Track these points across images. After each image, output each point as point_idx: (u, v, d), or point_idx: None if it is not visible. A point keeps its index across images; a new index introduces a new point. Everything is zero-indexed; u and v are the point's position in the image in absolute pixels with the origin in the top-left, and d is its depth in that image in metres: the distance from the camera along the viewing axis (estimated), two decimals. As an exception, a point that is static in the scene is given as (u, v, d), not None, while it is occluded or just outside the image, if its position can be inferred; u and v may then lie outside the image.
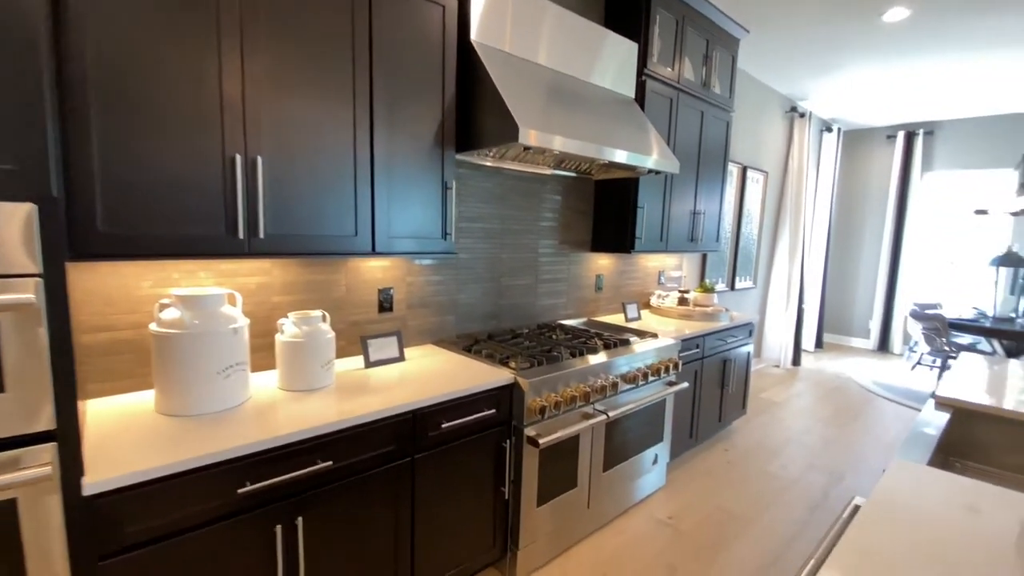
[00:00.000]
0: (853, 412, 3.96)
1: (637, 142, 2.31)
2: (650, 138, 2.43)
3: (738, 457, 3.09)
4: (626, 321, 2.98)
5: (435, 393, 1.61)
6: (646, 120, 2.57)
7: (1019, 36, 3.34)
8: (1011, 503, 1.06)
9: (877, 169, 5.93)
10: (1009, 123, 5.12)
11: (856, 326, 6.22)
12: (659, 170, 2.42)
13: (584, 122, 2.07)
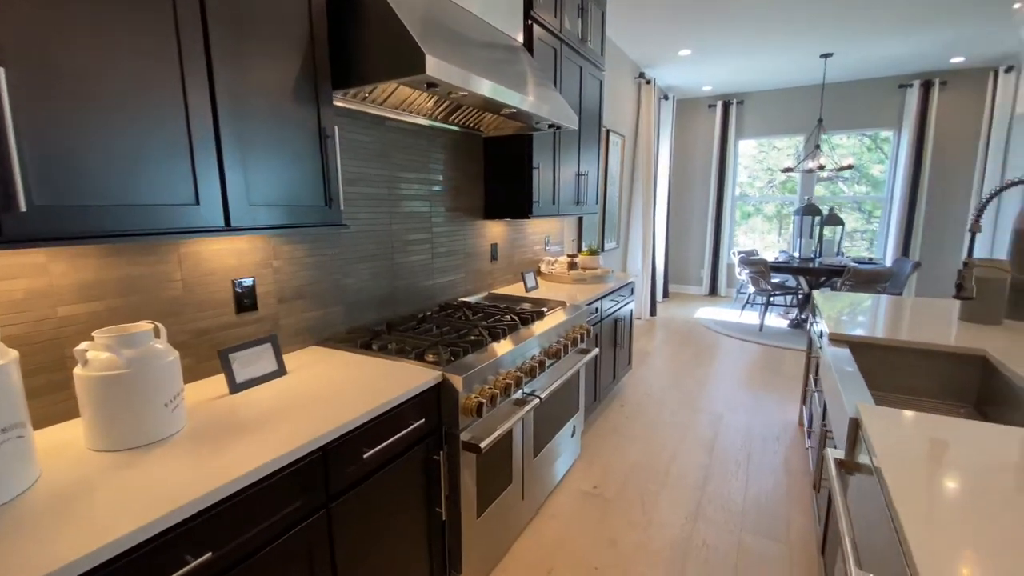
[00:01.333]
0: (709, 352, 4.37)
1: (542, 92, 2.02)
2: (550, 89, 2.16)
3: (633, 411, 3.14)
4: (526, 291, 2.75)
5: (349, 415, 1.17)
6: (539, 69, 2.29)
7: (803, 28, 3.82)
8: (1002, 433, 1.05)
9: (703, 135, 6.59)
10: (803, 94, 6.01)
11: (691, 275, 6.99)
12: (561, 124, 2.17)
13: (486, 62, 1.70)
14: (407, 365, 1.51)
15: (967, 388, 1.75)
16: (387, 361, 1.55)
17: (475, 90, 1.54)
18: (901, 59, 4.90)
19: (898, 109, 5.55)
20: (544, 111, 1.98)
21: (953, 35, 4.23)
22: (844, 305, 2.40)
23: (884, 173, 5.92)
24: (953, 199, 5.47)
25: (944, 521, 0.78)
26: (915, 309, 2.31)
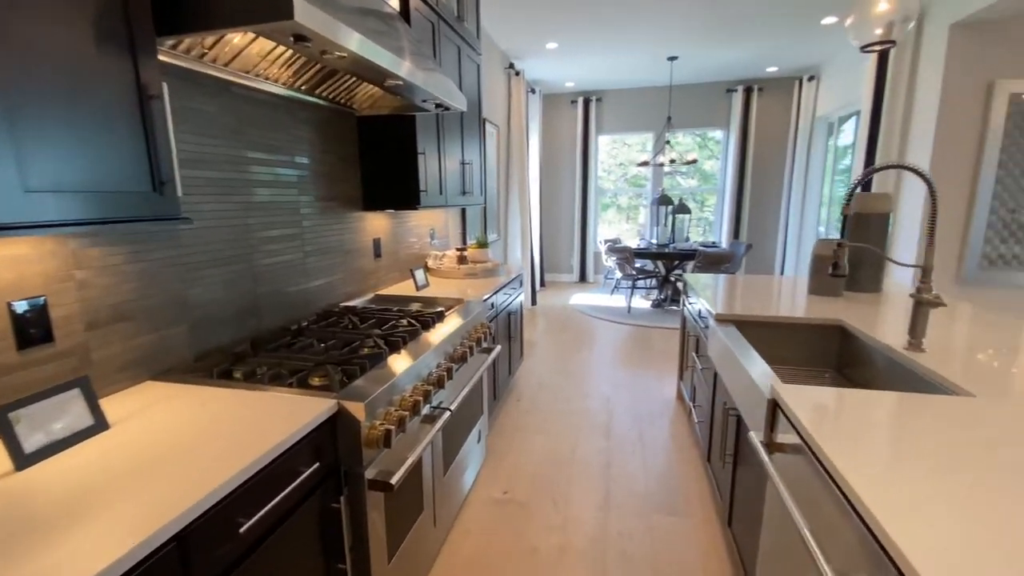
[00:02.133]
0: (588, 337, 4.52)
1: (428, 67, 1.77)
2: (435, 65, 1.92)
3: (530, 404, 3.08)
4: (417, 290, 2.49)
5: (212, 480, 0.84)
6: (419, 42, 2.03)
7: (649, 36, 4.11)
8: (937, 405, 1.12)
9: (567, 129, 6.82)
10: (653, 94, 6.51)
11: (563, 264, 7.25)
12: (450, 105, 1.95)
13: (363, 25, 1.41)
14: (287, 396, 1.19)
15: (828, 354, 1.97)
16: (258, 393, 1.21)
17: (359, 52, 1.25)
18: (730, 66, 5.56)
19: (727, 111, 6.32)
20: (433, 87, 1.74)
21: (770, 48, 4.89)
22: (713, 286, 2.58)
23: (713, 168, 6.74)
24: (771, 189, 6.42)
25: (892, 481, 0.78)
26: (772, 287, 2.56)
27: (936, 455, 0.89)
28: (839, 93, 5.14)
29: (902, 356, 1.48)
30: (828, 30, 4.40)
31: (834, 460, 0.88)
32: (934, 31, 3.52)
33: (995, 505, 0.74)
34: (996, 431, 0.97)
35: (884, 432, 0.98)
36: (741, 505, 1.63)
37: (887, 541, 0.69)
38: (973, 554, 0.64)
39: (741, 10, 3.90)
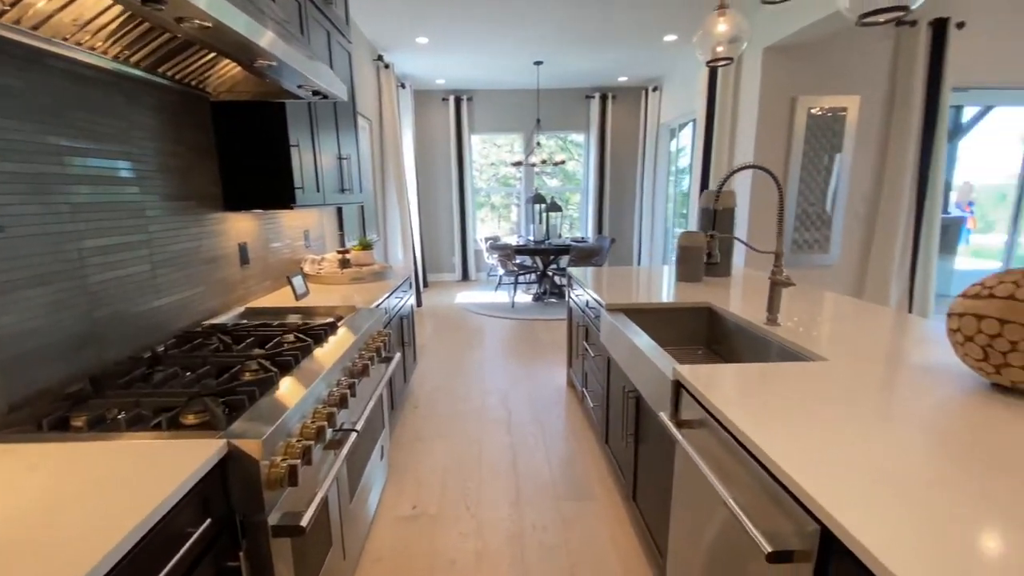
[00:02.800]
0: (477, 334, 4.52)
1: (302, 49, 1.57)
2: (308, 48, 1.71)
3: (429, 410, 2.97)
4: (296, 300, 2.22)
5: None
6: (289, 22, 1.80)
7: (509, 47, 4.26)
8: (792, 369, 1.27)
9: (440, 127, 6.71)
10: (522, 96, 6.69)
11: (445, 262, 7.15)
12: (329, 92, 1.76)
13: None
14: (156, 442, 0.95)
15: (700, 332, 2.20)
16: (112, 443, 0.95)
17: (228, 22, 1.04)
18: (588, 74, 5.96)
19: (586, 115, 6.78)
20: (312, 71, 1.55)
21: (622, 59, 5.35)
22: (596, 279, 2.73)
23: (575, 169, 7.20)
24: (627, 188, 7.05)
25: (778, 430, 0.88)
26: (646, 276, 2.80)
27: (807, 407, 1.02)
28: (678, 103, 5.82)
29: (763, 330, 1.70)
30: (669, 46, 4.94)
31: (735, 422, 0.97)
32: (752, 52, 4.15)
33: (854, 434, 0.87)
34: (848, 385, 1.16)
35: (767, 394, 1.11)
36: (645, 479, 1.74)
37: (781, 475, 0.77)
38: (835, 466, 0.74)
39: (597, 24, 4.19)
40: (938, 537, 0.65)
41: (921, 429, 0.95)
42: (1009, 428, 0.95)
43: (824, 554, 0.76)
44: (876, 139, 4.25)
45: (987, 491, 0.75)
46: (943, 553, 0.62)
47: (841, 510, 0.71)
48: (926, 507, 0.71)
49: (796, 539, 0.82)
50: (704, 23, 2.41)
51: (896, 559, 0.62)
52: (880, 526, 0.68)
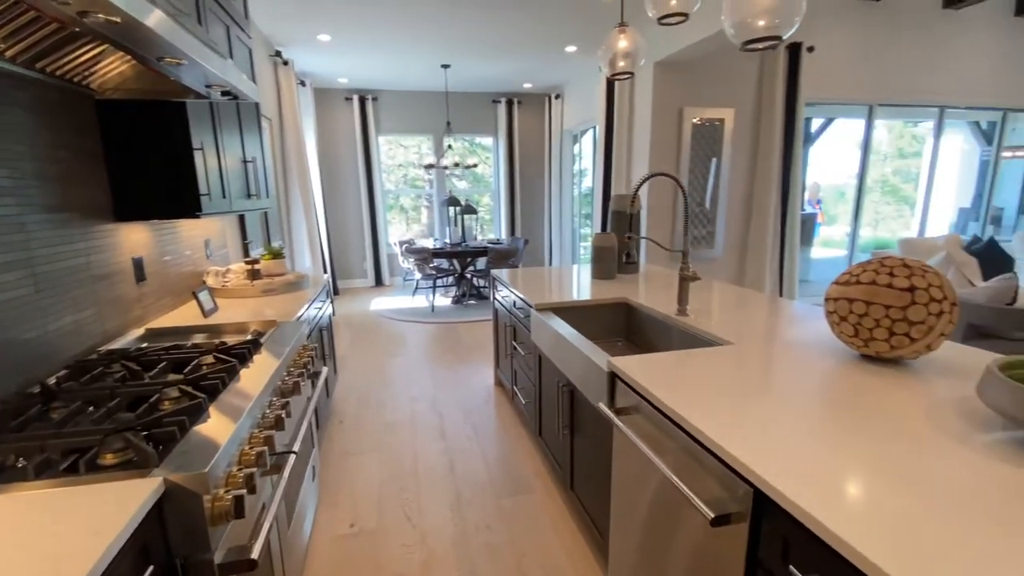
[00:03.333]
0: (397, 341, 4.41)
1: (205, 43, 1.44)
2: (209, 41, 1.58)
3: (355, 424, 2.85)
4: (205, 317, 2.02)
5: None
6: (187, 14, 1.64)
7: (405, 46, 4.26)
8: (705, 354, 1.42)
9: (344, 127, 6.42)
10: (431, 98, 6.61)
11: (356, 269, 6.85)
12: (241, 92, 1.63)
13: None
14: (74, 489, 0.83)
15: (618, 326, 2.36)
16: (20, 495, 0.82)
17: (138, 16, 0.94)
18: (494, 79, 6.07)
19: (494, 119, 6.90)
20: (221, 68, 1.43)
21: (526, 67, 5.52)
22: (520, 280, 2.82)
23: (484, 171, 7.31)
24: (536, 190, 7.29)
25: (701, 404, 1.00)
26: (565, 276, 2.94)
27: (722, 384, 1.17)
28: (579, 110, 6.14)
29: (675, 320, 1.89)
30: (570, 57, 5.19)
31: (670, 404, 1.08)
32: (645, 66, 4.51)
33: (763, 404, 1.02)
34: (753, 363, 1.34)
35: (691, 377, 1.24)
36: (582, 468, 1.84)
37: (715, 447, 0.88)
38: (754, 433, 0.88)
39: (503, 33, 4.29)
40: (836, 477, 0.79)
41: (813, 394, 1.13)
42: (876, 388, 1.17)
43: (757, 511, 0.88)
44: (748, 146, 4.83)
45: (862, 435, 0.92)
46: (840, 488, 0.76)
47: (766, 470, 0.84)
48: (826, 455, 0.86)
49: (733, 503, 0.93)
50: (607, 39, 2.57)
51: (814, 504, 0.74)
52: (795, 478, 0.81)
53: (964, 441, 0.92)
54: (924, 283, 1.26)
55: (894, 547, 0.65)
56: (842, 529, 0.69)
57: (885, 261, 1.35)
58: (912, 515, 0.71)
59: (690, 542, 1.09)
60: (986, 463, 0.84)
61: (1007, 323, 2.85)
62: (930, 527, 0.68)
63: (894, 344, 1.29)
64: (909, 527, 0.69)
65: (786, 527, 0.80)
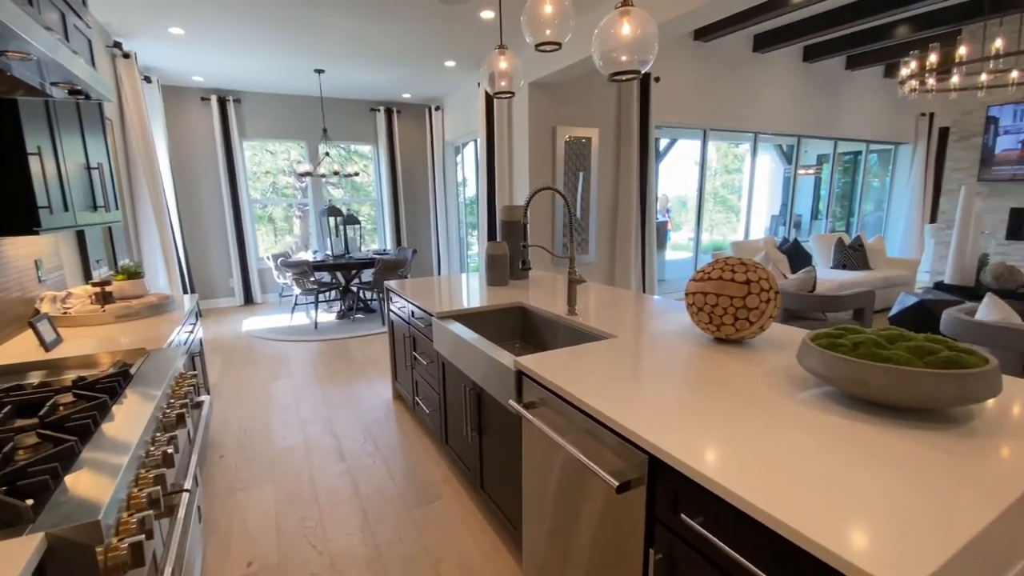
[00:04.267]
0: (280, 363, 4.08)
1: (45, 32, 1.25)
2: (49, 30, 1.37)
3: (239, 456, 2.59)
4: (47, 351, 1.70)
5: None
6: None
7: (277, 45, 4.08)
8: (596, 347, 1.58)
9: (202, 130, 5.75)
10: (304, 103, 6.21)
11: (220, 287, 6.14)
12: (94, 91, 1.43)
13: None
14: (-82, 564, 0.69)
15: (515, 328, 2.50)
16: None
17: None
18: (373, 87, 5.94)
19: (374, 127, 6.73)
20: (70, 62, 1.26)
21: (405, 77, 5.50)
22: (416, 290, 2.83)
23: (363, 180, 7.09)
24: (421, 199, 7.25)
25: (599, 390, 1.16)
26: (459, 284, 3.01)
27: (613, 372, 1.35)
28: (459, 123, 6.29)
29: (567, 320, 2.07)
30: (449, 70, 5.31)
31: (573, 392, 1.22)
32: (521, 85, 4.79)
33: (645, 383, 1.21)
34: (634, 351, 1.55)
35: (586, 368, 1.40)
36: (492, 466, 1.92)
37: (614, 423, 1.04)
38: (642, 407, 1.05)
39: (381, 42, 4.25)
40: (707, 436, 0.98)
41: (683, 373, 1.35)
42: (728, 363, 1.43)
43: (652, 474, 1.04)
44: (611, 162, 5.37)
45: (723, 401, 1.14)
46: (710, 444, 0.95)
47: (658, 439, 1.00)
48: (697, 419, 1.05)
49: (631, 470, 1.09)
50: (488, 59, 2.71)
51: (696, 460, 0.91)
52: (677, 441, 0.98)
53: (791, 397, 1.18)
54: (756, 277, 1.57)
55: (752, 482, 0.83)
56: (718, 476, 0.86)
57: (728, 261, 1.65)
58: (760, 454, 0.91)
59: (596, 512, 1.23)
60: (806, 411, 1.10)
61: (810, 306, 3.58)
62: (775, 459, 0.89)
63: (738, 327, 1.59)
64: (759, 464, 0.88)
65: (675, 483, 0.97)
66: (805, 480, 0.83)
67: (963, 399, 1.00)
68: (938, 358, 1.05)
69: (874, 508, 0.76)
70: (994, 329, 2.51)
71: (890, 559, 0.65)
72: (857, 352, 1.13)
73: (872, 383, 1.06)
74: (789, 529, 0.73)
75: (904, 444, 0.95)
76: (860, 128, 7.30)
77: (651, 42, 1.85)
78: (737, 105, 6.04)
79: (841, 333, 1.25)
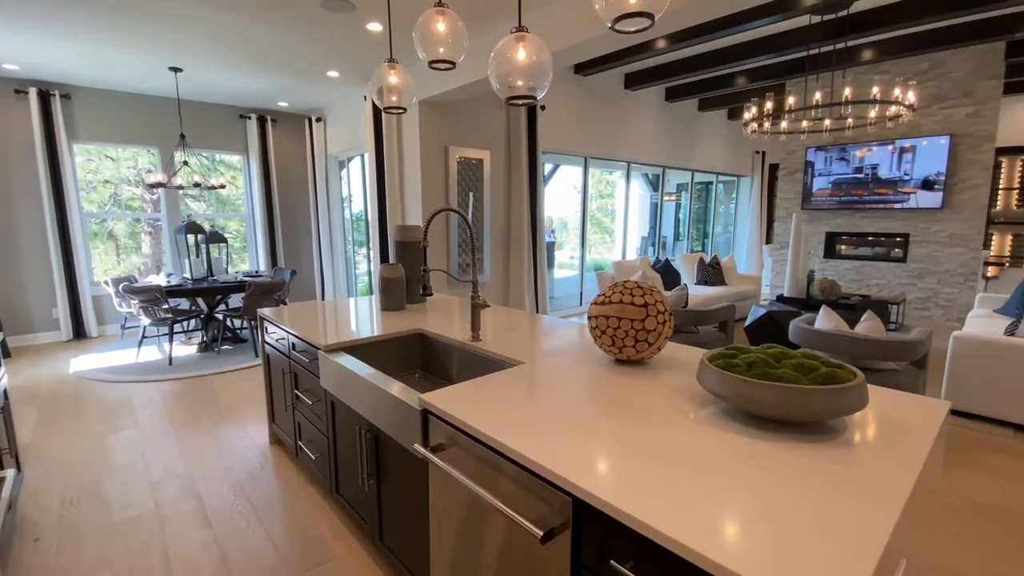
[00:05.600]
0: (123, 411, 3.38)
1: None
2: None
3: (60, 537, 2.04)
4: None
5: None
6: None
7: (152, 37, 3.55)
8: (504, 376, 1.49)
9: (15, 129, 4.66)
10: (156, 104, 5.34)
11: (39, 319, 4.97)
12: None
13: None
14: None
15: (414, 357, 2.33)
16: None
17: None
18: (243, 92, 5.35)
19: (244, 136, 6.06)
20: None
21: (282, 84, 5.05)
22: (299, 317, 2.52)
23: (232, 193, 6.36)
24: (301, 216, 6.66)
25: (529, 431, 1.10)
26: (350, 309, 2.76)
27: (525, 405, 1.29)
28: (344, 136, 5.93)
29: (472, 347, 1.97)
30: (332, 81, 4.99)
31: (486, 432, 1.13)
32: (413, 102, 4.65)
33: (560, 413, 1.17)
34: (544, 377, 1.50)
35: (499, 401, 1.32)
36: (392, 516, 1.72)
37: (535, 466, 0.97)
38: (556, 443, 1.01)
39: (253, 44, 3.85)
40: (632, 471, 0.95)
41: (594, 398, 1.33)
42: (633, 385, 1.44)
43: (576, 518, 0.97)
44: (503, 184, 5.45)
45: (636, 433, 1.13)
46: (636, 480, 0.91)
47: (582, 480, 0.94)
48: (618, 454, 1.02)
49: (555, 515, 1.01)
50: (377, 73, 2.56)
51: (622, 500, 0.86)
52: (599, 479, 0.93)
53: (695, 416, 1.21)
54: (653, 300, 1.63)
55: (681, 519, 0.81)
56: (647, 517, 0.82)
57: (626, 285, 1.69)
58: (682, 487, 0.90)
59: (518, 563, 1.13)
60: (711, 431, 1.13)
61: (684, 320, 3.92)
62: (696, 491, 0.88)
63: (638, 349, 1.63)
64: (684, 498, 0.86)
65: (601, 526, 0.91)
66: (731, 510, 0.83)
67: (841, 411, 1.09)
68: (819, 375, 1.15)
69: (798, 532, 0.77)
70: (829, 336, 2.94)
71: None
72: (752, 372, 1.19)
73: (766, 401, 1.12)
74: (727, 572, 0.70)
75: (797, 458, 1.00)
76: (711, 161, 8.36)
77: (545, 69, 1.87)
78: (613, 136, 6.54)
79: (734, 353, 1.33)
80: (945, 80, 5.44)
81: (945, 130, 5.49)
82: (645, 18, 1.49)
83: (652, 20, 1.50)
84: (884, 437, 1.12)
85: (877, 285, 6.25)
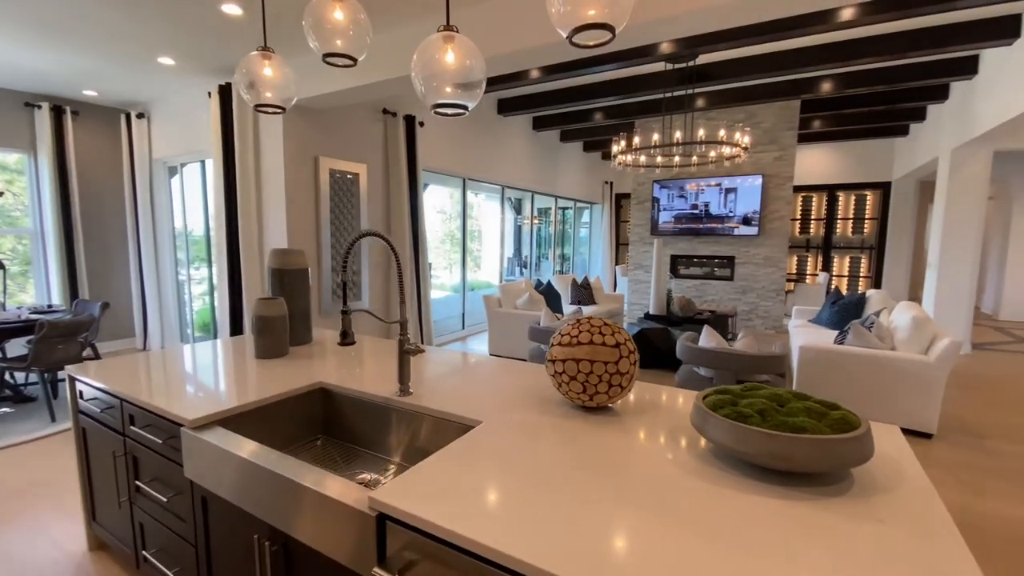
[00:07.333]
0: None
1: None
2: None
3: None
4: None
5: None
6: None
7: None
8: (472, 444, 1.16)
9: None
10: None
11: None
12: None
13: None
14: None
15: (315, 420, 1.82)
16: None
17: None
18: (31, 74, 3.99)
19: (30, 130, 4.54)
20: None
21: (91, 67, 3.89)
22: (131, 374, 1.82)
23: (9, 203, 4.73)
24: (113, 234, 5.22)
25: (543, 535, 0.83)
26: (208, 358, 2.10)
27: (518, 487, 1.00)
28: (177, 138, 4.83)
29: (401, 403, 1.58)
30: (164, 69, 4.01)
31: (477, 539, 0.81)
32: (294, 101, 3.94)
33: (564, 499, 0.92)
34: (522, 448, 1.22)
35: (479, 486, 1.00)
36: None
37: None
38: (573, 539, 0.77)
39: (49, 9, 2.85)
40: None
41: (588, 464, 1.09)
42: (615, 440, 1.24)
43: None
44: (382, 200, 4.98)
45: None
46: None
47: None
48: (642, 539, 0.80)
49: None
50: (246, 63, 2.05)
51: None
52: None
53: (703, 473, 1.05)
54: (622, 338, 1.46)
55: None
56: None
57: (592, 322, 1.49)
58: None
59: None
60: (728, 492, 0.97)
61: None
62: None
63: (611, 394, 1.44)
64: None
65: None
66: None
67: (864, 458, 1.03)
68: (833, 419, 1.08)
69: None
70: (714, 353, 3.17)
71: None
72: (769, 423, 1.08)
73: (797, 457, 1.01)
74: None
75: (837, 519, 0.90)
76: (571, 188, 8.90)
77: (480, 77, 1.63)
78: (489, 159, 6.50)
79: (733, 399, 1.21)
80: (757, 128, 6.57)
81: (758, 171, 6.62)
82: (605, 31, 1.35)
83: (613, 34, 1.36)
84: (885, 479, 1.08)
85: (714, 300, 7.21)
